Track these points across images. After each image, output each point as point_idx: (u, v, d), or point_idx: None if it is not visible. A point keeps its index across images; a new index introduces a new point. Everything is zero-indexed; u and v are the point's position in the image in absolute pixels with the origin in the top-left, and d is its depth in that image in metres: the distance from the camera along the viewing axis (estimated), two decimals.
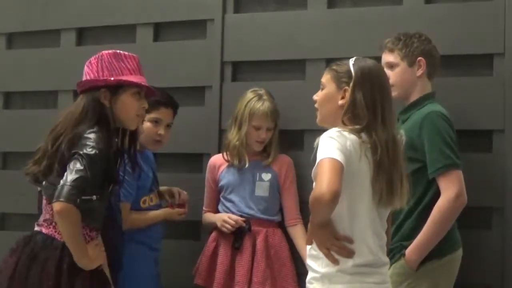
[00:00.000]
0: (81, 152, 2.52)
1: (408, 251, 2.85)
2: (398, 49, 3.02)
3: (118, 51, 2.76)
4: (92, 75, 2.70)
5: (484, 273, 3.12)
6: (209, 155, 3.53)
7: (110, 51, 2.74)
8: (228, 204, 3.35)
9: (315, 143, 2.33)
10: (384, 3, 3.40)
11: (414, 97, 3.02)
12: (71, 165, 2.51)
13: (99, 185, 2.58)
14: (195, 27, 3.73)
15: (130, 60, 2.74)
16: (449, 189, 2.81)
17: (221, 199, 3.40)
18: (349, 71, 2.39)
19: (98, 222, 2.68)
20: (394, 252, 2.83)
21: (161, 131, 3.27)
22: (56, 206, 2.48)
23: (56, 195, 2.48)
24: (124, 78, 2.68)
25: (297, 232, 3.30)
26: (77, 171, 2.49)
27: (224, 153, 3.40)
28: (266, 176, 3.35)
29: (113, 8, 3.88)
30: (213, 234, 3.35)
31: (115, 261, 2.83)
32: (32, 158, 2.72)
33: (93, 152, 2.52)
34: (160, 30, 3.82)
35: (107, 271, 2.75)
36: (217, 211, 3.40)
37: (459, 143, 2.93)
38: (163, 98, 3.26)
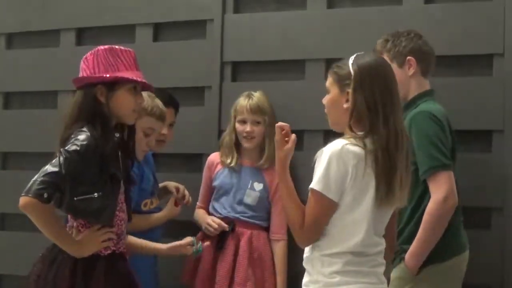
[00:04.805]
0: (61, 149, 2.49)
1: (406, 257, 2.79)
2: (387, 50, 2.96)
3: (114, 46, 2.71)
4: (88, 72, 2.66)
5: (484, 273, 3.11)
6: (208, 155, 3.52)
7: (106, 47, 2.69)
8: (217, 205, 3.36)
9: (314, 158, 2.31)
10: (384, 3, 3.40)
11: (411, 96, 2.96)
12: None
13: (96, 182, 2.53)
14: (195, 27, 3.73)
15: (126, 55, 2.68)
16: (437, 191, 2.72)
17: (211, 198, 3.41)
18: (350, 73, 2.32)
19: (105, 220, 2.60)
20: (395, 255, 2.76)
21: (164, 130, 3.27)
22: (20, 200, 2.46)
23: (25, 189, 2.46)
24: (120, 74, 2.63)
25: (279, 249, 3.29)
26: (51, 166, 2.46)
27: (219, 152, 3.42)
28: (258, 186, 3.33)
29: (113, 8, 3.88)
30: (199, 234, 3.35)
31: None
32: None
33: (73, 148, 2.47)
34: (160, 30, 3.82)
35: None
36: (208, 208, 3.42)
37: (459, 143, 2.93)
38: (163, 98, 3.26)
